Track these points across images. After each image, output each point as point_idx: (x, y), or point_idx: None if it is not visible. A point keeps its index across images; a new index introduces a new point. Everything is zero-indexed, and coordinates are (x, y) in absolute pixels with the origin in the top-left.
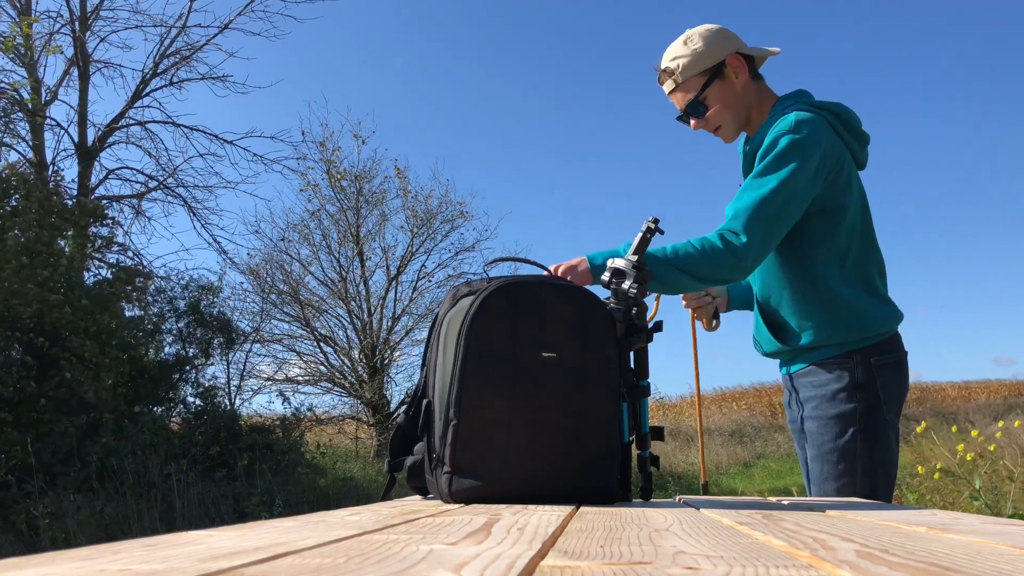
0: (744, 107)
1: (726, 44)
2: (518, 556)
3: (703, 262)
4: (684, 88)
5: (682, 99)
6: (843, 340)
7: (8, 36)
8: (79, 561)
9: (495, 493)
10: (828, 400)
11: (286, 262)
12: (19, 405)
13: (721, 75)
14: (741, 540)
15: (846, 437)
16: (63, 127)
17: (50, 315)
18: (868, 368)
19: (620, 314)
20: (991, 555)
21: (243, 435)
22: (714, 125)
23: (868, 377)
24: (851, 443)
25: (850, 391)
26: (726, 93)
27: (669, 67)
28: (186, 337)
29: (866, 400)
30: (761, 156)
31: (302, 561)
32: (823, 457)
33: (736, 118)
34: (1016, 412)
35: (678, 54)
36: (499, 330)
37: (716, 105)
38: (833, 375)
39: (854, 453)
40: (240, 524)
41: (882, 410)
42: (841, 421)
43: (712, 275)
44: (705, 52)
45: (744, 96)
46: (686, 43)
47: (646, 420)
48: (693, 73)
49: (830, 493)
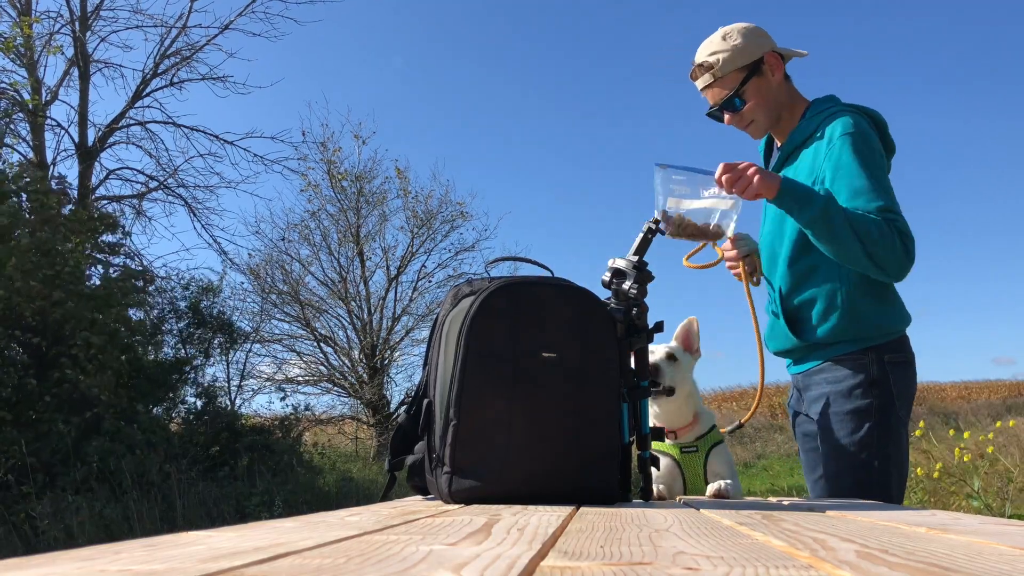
0: (777, 105)
1: (763, 42)
2: (518, 556)
3: (881, 242)
4: (722, 83)
5: (718, 94)
6: (860, 336)
7: (9, 36)
8: (80, 561)
9: (495, 493)
10: (844, 396)
11: (286, 262)
12: (18, 405)
13: (759, 72)
14: (741, 540)
15: (862, 432)
16: (63, 127)
17: (53, 313)
18: (882, 365)
19: (620, 314)
20: (991, 555)
21: (243, 435)
22: (747, 120)
23: (883, 374)
24: (867, 438)
25: (865, 387)
26: (762, 89)
27: (707, 61)
28: (186, 337)
29: (880, 397)
30: (838, 155)
31: (302, 561)
32: (839, 452)
33: (769, 115)
34: (1016, 412)
35: (717, 49)
36: (499, 330)
37: (752, 101)
38: (849, 371)
39: (870, 448)
40: (240, 524)
41: (895, 407)
42: (857, 416)
43: (883, 257)
44: (744, 48)
45: (778, 94)
46: (725, 38)
47: (646, 420)
48: (732, 68)
49: (846, 488)
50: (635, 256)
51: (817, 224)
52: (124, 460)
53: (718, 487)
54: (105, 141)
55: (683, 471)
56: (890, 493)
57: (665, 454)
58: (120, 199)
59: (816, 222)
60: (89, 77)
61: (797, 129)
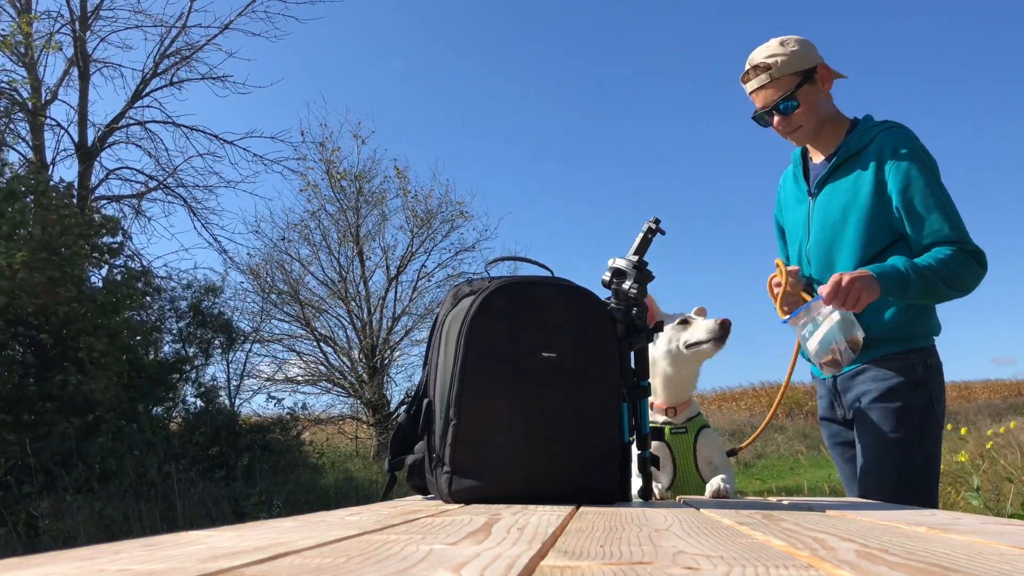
0: (823, 115)
1: (816, 54)
2: (518, 556)
3: (964, 273)
4: (777, 84)
5: (771, 95)
6: (908, 336)
7: (8, 35)
8: (79, 561)
9: (495, 493)
10: (890, 394)
11: (286, 262)
12: (18, 405)
13: (812, 79)
14: (741, 540)
15: (908, 429)
16: (63, 127)
17: (57, 311)
18: (925, 367)
19: (620, 314)
20: (991, 555)
21: (243, 435)
22: (795, 125)
23: (926, 375)
24: (912, 436)
25: (912, 386)
26: (813, 97)
27: (765, 62)
28: (186, 337)
29: (924, 396)
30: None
31: (302, 561)
32: (882, 448)
33: (816, 123)
34: (1016, 412)
35: (775, 52)
36: (499, 330)
37: (804, 106)
38: (894, 371)
39: (914, 446)
40: (240, 524)
41: (935, 409)
42: (904, 414)
43: (968, 283)
44: (802, 54)
45: (825, 105)
46: (783, 44)
47: (646, 420)
48: (789, 71)
49: (889, 483)
50: (635, 256)
51: (916, 296)
52: (124, 460)
53: (717, 487)
54: (105, 141)
55: (672, 451)
56: (932, 491)
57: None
58: (120, 199)
59: (916, 295)
60: (89, 77)
61: (850, 140)
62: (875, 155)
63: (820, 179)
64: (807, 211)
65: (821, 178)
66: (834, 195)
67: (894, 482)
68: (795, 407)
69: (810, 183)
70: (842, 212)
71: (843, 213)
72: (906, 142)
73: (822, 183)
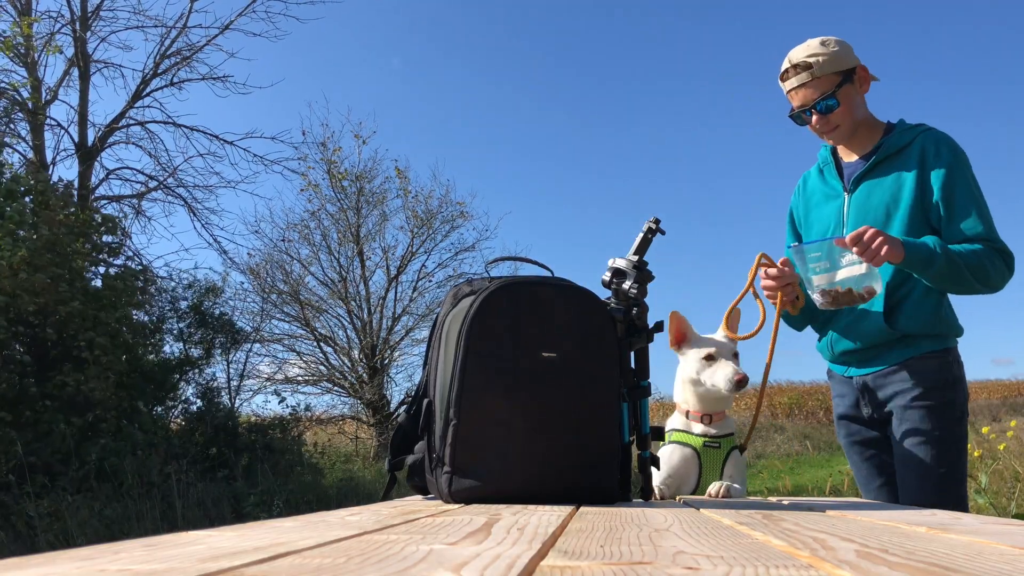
0: (860, 116)
1: (854, 55)
2: (518, 556)
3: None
4: (818, 83)
5: (812, 94)
6: (943, 333)
7: (8, 36)
8: (79, 561)
9: (495, 493)
10: (934, 391)
11: (286, 262)
12: (17, 405)
13: (851, 80)
14: (741, 540)
15: (951, 426)
16: (63, 127)
17: (57, 311)
18: (956, 366)
19: (620, 314)
20: (991, 555)
21: (243, 435)
22: (833, 125)
23: (960, 374)
24: (955, 432)
25: (950, 384)
26: (852, 98)
27: (807, 61)
28: (187, 337)
29: (961, 394)
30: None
31: (302, 561)
32: (929, 445)
33: (853, 123)
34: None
35: (817, 52)
36: (499, 330)
37: (843, 105)
38: (933, 369)
39: (957, 442)
40: (240, 524)
41: (966, 405)
42: (946, 411)
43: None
44: (843, 54)
45: (861, 106)
46: (824, 44)
47: (646, 420)
48: (831, 71)
49: (934, 481)
50: (635, 256)
51: (940, 276)
52: (124, 460)
53: (719, 488)
54: (105, 141)
55: (701, 463)
56: (965, 489)
57: (687, 445)
58: (120, 199)
59: (940, 276)
60: (89, 77)
61: (890, 140)
62: (918, 155)
63: (857, 176)
64: (841, 207)
65: (858, 175)
66: (875, 192)
67: (939, 478)
68: (795, 407)
69: (845, 180)
70: (884, 208)
71: (885, 209)
72: (947, 144)
73: (859, 180)
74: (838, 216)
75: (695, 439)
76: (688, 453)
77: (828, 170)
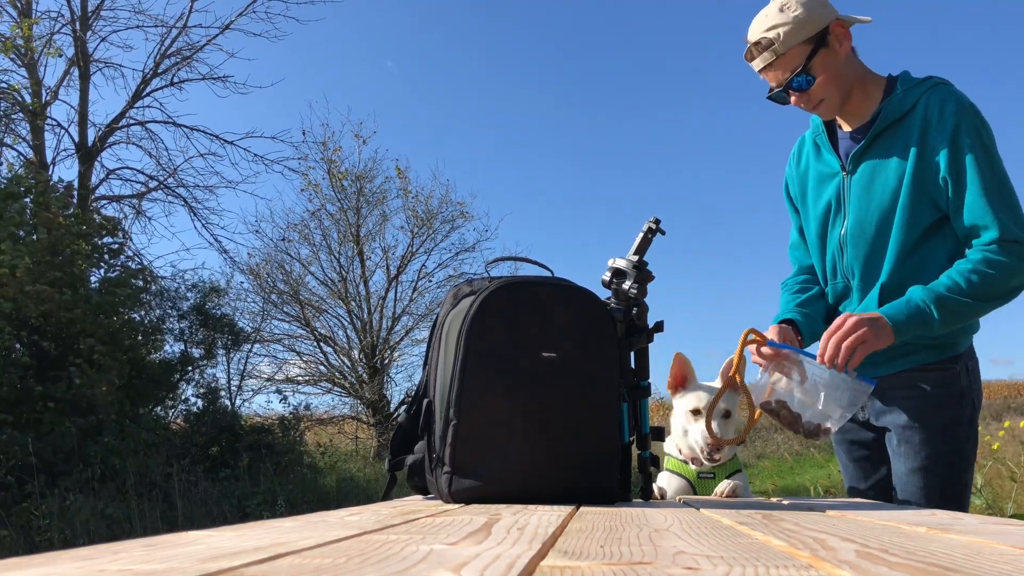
0: (848, 79)
1: (826, 10)
2: (518, 556)
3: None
4: (784, 60)
5: (781, 74)
6: (953, 340)
7: (9, 37)
8: (79, 561)
9: (495, 493)
10: (935, 408)
11: (286, 262)
12: (19, 405)
13: (825, 43)
14: (741, 540)
15: (954, 445)
16: (63, 127)
17: (58, 315)
18: (967, 374)
19: (620, 314)
20: (991, 555)
21: (243, 435)
22: (816, 99)
23: (969, 383)
24: (957, 452)
25: (956, 398)
26: (831, 63)
27: (766, 37)
28: (188, 338)
29: (968, 407)
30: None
31: (302, 561)
32: (928, 464)
33: (840, 91)
34: (1016, 412)
35: (776, 23)
36: (499, 330)
37: (821, 76)
38: (939, 381)
39: (958, 461)
40: (240, 524)
41: (975, 418)
42: (950, 429)
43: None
44: (807, 18)
45: (847, 67)
46: (783, 10)
47: (646, 420)
48: (796, 42)
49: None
50: (635, 256)
51: (947, 325)
52: (125, 460)
53: (727, 487)
54: (105, 141)
55: (696, 494)
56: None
57: (681, 476)
58: (120, 199)
59: (946, 325)
60: (89, 77)
61: (890, 105)
62: (920, 121)
63: (856, 153)
64: (838, 189)
65: (857, 151)
66: (878, 174)
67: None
68: None
69: (842, 156)
70: (892, 196)
71: (893, 196)
72: (955, 103)
73: (858, 157)
74: (836, 202)
75: (689, 471)
76: (683, 484)
77: (822, 141)
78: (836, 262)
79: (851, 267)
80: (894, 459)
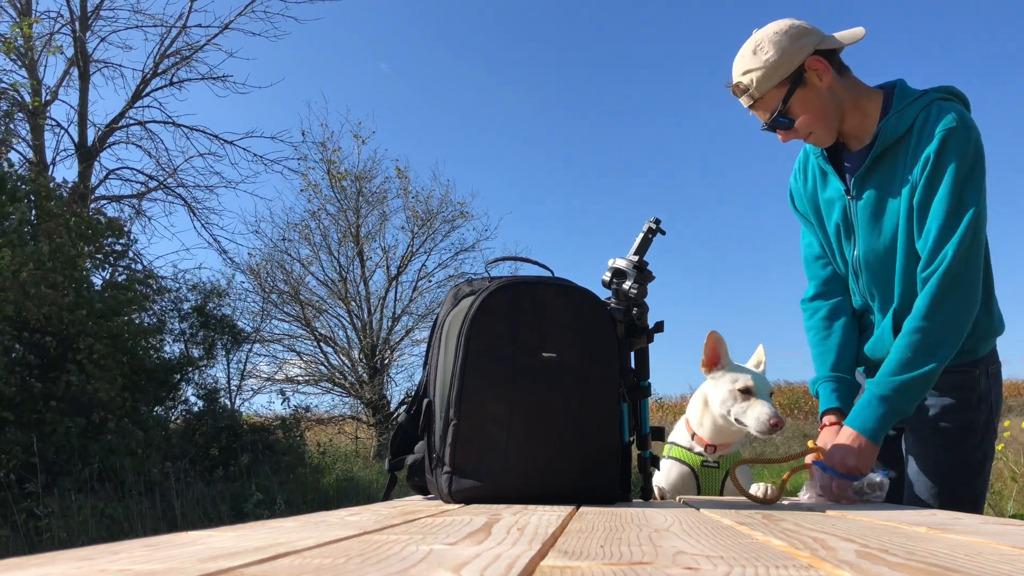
0: (835, 109)
1: (801, 45)
2: (518, 556)
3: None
4: (763, 103)
5: (763, 115)
6: (972, 346)
7: (9, 37)
8: (79, 561)
9: (495, 493)
10: (952, 413)
11: (286, 262)
12: (20, 405)
13: (802, 82)
14: (741, 540)
15: (969, 450)
16: (63, 127)
17: (60, 317)
18: (987, 378)
19: (620, 314)
20: (991, 555)
21: (243, 435)
22: (804, 134)
23: (988, 388)
24: (973, 458)
25: (975, 404)
26: (811, 100)
27: (742, 83)
28: (189, 338)
29: (987, 412)
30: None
31: (302, 561)
32: (943, 470)
33: (827, 122)
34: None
35: (750, 67)
36: (499, 330)
37: (802, 115)
38: (955, 386)
39: (974, 468)
40: (240, 524)
41: (994, 424)
42: (966, 435)
43: (960, 329)
44: (779, 61)
45: (832, 97)
46: (756, 52)
47: (646, 420)
48: (770, 86)
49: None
50: (635, 256)
51: (923, 394)
52: (126, 460)
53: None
54: (105, 141)
55: (699, 482)
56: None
57: (684, 463)
58: (120, 199)
59: (920, 395)
60: (89, 77)
61: (888, 125)
62: (915, 143)
63: (859, 176)
64: (844, 214)
65: (859, 176)
66: (881, 197)
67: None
68: (795, 407)
69: (846, 180)
70: (892, 220)
71: (893, 221)
72: (943, 126)
73: (861, 182)
74: (845, 226)
75: (693, 458)
76: (686, 471)
77: (824, 165)
78: (854, 283)
79: (868, 290)
80: (907, 461)
